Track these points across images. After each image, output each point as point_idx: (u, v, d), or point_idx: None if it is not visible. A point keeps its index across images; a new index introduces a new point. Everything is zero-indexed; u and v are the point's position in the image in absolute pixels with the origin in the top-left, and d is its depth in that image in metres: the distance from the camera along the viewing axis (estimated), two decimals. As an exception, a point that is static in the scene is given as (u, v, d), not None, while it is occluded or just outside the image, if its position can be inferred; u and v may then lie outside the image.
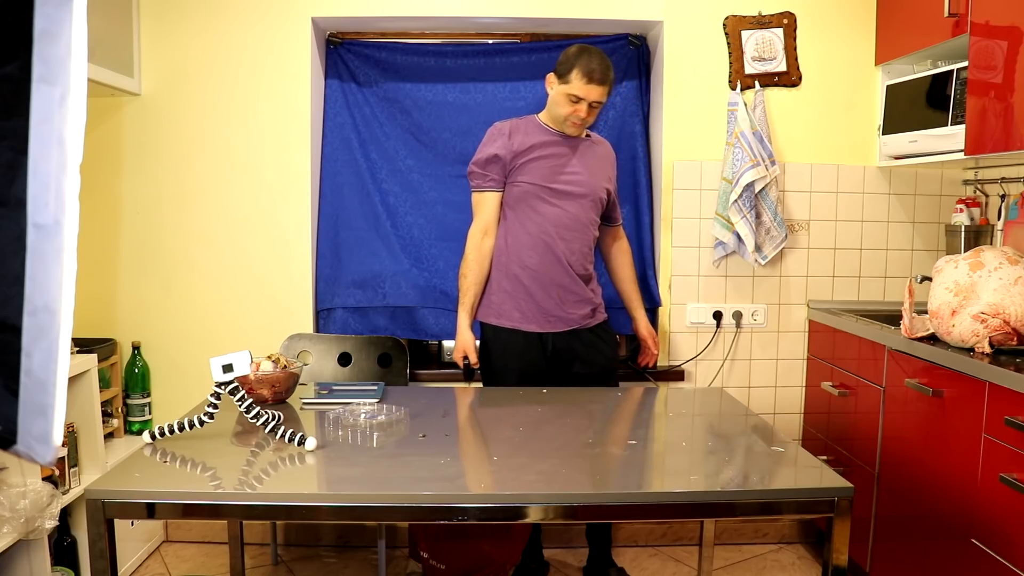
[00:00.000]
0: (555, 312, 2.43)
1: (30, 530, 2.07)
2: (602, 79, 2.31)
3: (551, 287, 2.42)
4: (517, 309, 2.44)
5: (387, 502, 1.47)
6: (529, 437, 1.87)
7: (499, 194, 2.46)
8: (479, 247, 2.47)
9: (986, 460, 1.91)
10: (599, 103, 2.35)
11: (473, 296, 2.48)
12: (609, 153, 2.57)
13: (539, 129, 2.44)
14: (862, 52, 2.86)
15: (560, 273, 2.41)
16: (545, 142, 2.42)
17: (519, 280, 2.43)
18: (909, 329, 2.24)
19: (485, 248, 2.47)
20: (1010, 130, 2.16)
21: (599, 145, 2.54)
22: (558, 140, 2.43)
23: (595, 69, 2.29)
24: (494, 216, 2.47)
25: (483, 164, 2.44)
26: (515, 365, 2.44)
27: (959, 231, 2.75)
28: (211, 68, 2.80)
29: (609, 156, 2.56)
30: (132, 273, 2.86)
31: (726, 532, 2.95)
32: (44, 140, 0.59)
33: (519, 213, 2.43)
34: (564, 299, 2.43)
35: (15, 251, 0.61)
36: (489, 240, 2.47)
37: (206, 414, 1.75)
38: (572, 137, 2.44)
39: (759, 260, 2.79)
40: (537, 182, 2.40)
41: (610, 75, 2.34)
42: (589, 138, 2.51)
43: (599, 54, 2.33)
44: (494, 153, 2.41)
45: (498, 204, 2.47)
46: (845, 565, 1.51)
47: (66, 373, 0.63)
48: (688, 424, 1.99)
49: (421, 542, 2.45)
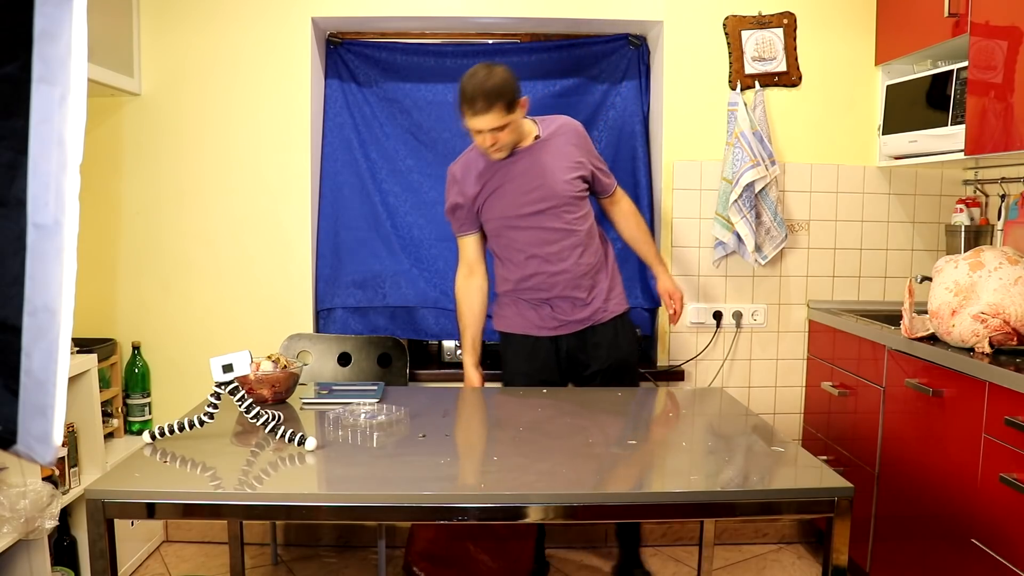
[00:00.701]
0: (560, 318, 2.42)
1: (30, 530, 2.07)
2: (484, 107, 2.15)
3: (553, 300, 2.41)
4: (522, 317, 2.46)
5: (387, 502, 1.47)
6: (529, 437, 1.87)
7: (474, 235, 2.47)
8: (465, 288, 2.49)
9: (986, 460, 1.91)
10: (501, 127, 2.20)
11: (471, 336, 2.49)
12: (567, 135, 2.37)
13: (485, 159, 2.34)
14: (862, 52, 2.86)
15: (557, 285, 2.39)
16: (495, 171, 2.34)
17: (520, 298, 2.45)
18: (909, 329, 2.24)
19: (472, 287, 2.48)
20: (1010, 130, 2.16)
21: (552, 139, 2.36)
22: (506, 162, 2.33)
23: (473, 99, 2.16)
24: (475, 256, 2.48)
25: (450, 213, 2.46)
26: (525, 369, 2.45)
27: (959, 231, 2.75)
28: (211, 68, 2.80)
29: (567, 139, 2.37)
30: (132, 273, 2.86)
31: (726, 532, 2.95)
32: (44, 140, 0.59)
33: (500, 243, 2.44)
34: (567, 306, 2.42)
35: (15, 251, 0.61)
36: (476, 279, 2.48)
37: (206, 414, 1.75)
38: (519, 152, 2.33)
39: (759, 260, 2.79)
40: (500, 215, 2.38)
41: (494, 100, 2.15)
42: (538, 139, 2.35)
43: (478, 80, 2.18)
44: (453, 202, 2.42)
45: (477, 244, 2.48)
46: (845, 565, 1.51)
47: (66, 373, 0.63)
48: (688, 424, 1.99)
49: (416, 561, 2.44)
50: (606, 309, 2.44)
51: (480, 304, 2.49)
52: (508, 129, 2.23)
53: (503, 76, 2.21)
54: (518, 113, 2.25)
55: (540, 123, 2.39)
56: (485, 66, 2.24)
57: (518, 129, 2.30)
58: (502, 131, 2.22)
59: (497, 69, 2.23)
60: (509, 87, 2.20)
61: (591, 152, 2.44)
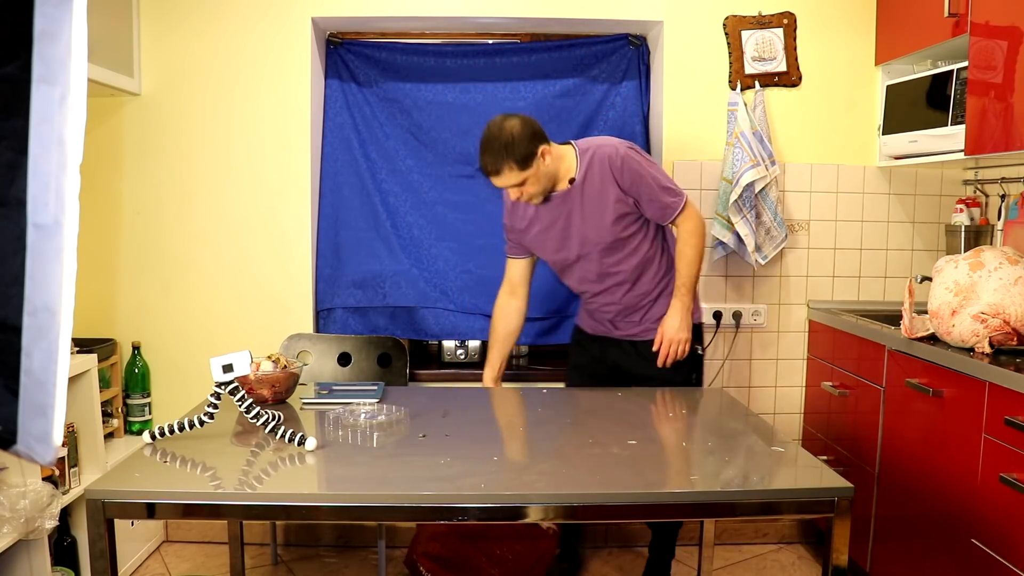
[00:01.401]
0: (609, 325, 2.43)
1: (30, 530, 2.07)
2: (494, 168, 2.15)
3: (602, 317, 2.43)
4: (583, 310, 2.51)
5: (387, 502, 1.47)
6: (529, 437, 1.87)
7: (523, 260, 2.46)
8: (504, 306, 2.49)
9: (986, 460, 1.91)
10: (519, 183, 2.17)
11: (498, 352, 2.49)
12: (603, 171, 2.22)
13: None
14: (862, 52, 2.86)
15: (608, 311, 2.39)
16: (536, 212, 2.31)
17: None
18: (909, 329, 2.24)
19: (510, 308, 2.48)
20: (1010, 130, 2.16)
21: (588, 180, 2.23)
22: (545, 207, 2.29)
23: (483, 159, 2.15)
24: (519, 279, 2.47)
25: (504, 230, 2.45)
26: (574, 361, 2.55)
27: (959, 231, 2.75)
28: (211, 68, 2.80)
29: (603, 176, 2.22)
30: (132, 273, 2.86)
31: (726, 532, 2.95)
32: (44, 140, 0.59)
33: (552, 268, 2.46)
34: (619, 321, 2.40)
35: (15, 251, 0.61)
36: (516, 301, 2.48)
37: (206, 414, 1.75)
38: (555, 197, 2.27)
39: (759, 260, 2.79)
40: (544, 257, 2.42)
41: (504, 160, 2.12)
42: (573, 183, 2.24)
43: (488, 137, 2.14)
44: (505, 223, 2.43)
45: (524, 268, 2.47)
46: (845, 565, 1.51)
47: (66, 373, 0.63)
48: (688, 424, 1.99)
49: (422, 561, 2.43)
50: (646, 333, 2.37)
51: (515, 325, 2.49)
52: (531, 181, 2.17)
53: (513, 132, 2.13)
54: (536, 166, 2.16)
55: (580, 155, 2.24)
56: (499, 121, 2.16)
57: (547, 176, 2.21)
58: (523, 185, 2.18)
59: (508, 124, 2.14)
60: (520, 144, 2.12)
61: (635, 178, 2.21)
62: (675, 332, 2.28)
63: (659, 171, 2.27)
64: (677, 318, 2.28)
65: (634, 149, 2.25)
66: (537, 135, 2.17)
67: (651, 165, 2.26)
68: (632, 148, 2.25)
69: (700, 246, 2.30)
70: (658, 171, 2.26)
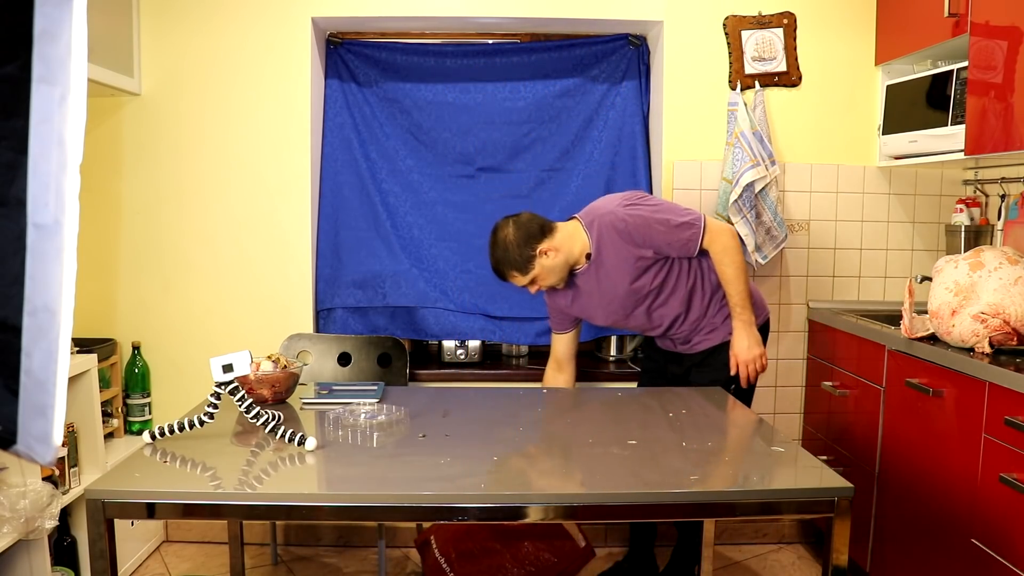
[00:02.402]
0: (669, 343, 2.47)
1: (30, 530, 2.07)
2: (502, 278, 2.29)
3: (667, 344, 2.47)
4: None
5: (387, 502, 1.47)
6: (529, 437, 1.87)
7: (567, 334, 2.49)
8: (551, 380, 2.53)
9: (986, 460, 1.91)
10: (530, 283, 2.27)
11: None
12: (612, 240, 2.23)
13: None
14: (862, 52, 2.86)
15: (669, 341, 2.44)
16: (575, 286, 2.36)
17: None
18: (909, 329, 2.24)
19: (558, 383, 2.52)
20: (1010, 130, 2.16)
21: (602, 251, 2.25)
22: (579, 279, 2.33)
23: (494, 270, 2.29)
24: (565, 355, 2.50)
25: (547, 308, 2.49)
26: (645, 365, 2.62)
27: (959, 231, 2.75)
28: (211, 68, 2.80)
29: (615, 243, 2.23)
30: (132, 273, 2.86)
31: (726, 532, 2.95)
32: (44, 140, 0.59)
33: None
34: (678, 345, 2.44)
35: (15, 251, 0.61)
36: (563, 375, 2.51)
37: (206, 414, 1.75)
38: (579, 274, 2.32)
39: (759, 260, 2.79)
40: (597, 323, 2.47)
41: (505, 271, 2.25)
42: (590, 259, 2.27)
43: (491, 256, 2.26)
44: (546, 301, 2.48)
45: (569, 343, 2.49)
46: (845, 565, 1.51)
47: (66, 373, 0.63)
48: (688, 424, 1.99)
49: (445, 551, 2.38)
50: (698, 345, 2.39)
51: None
52: (541, 277, 2.26)
53: (507, 242, 2.22)
54: (539, 266, 2.23)
55: (587, 229, 2.26)
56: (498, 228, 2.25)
57: (558, 266, 2.26)
58: (535, 283, 2.28)
59: (502, 234, 2.23)
60: (514, 253, 2.21)
61: (644, 233, 2.21)
62: (746, 352, 2.28)
63: (666, 210, 2.25)
64: (744, 338, 2.28)
65: (632, 204, 2.25)
66: (531, 237, 2.22)
67: (655, 209, 2.24)
68: (630, 203, 2.25)
69: (737, 261, 2.25)
70: (665, 211, 2.24)
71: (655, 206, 2.26)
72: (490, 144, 2.94)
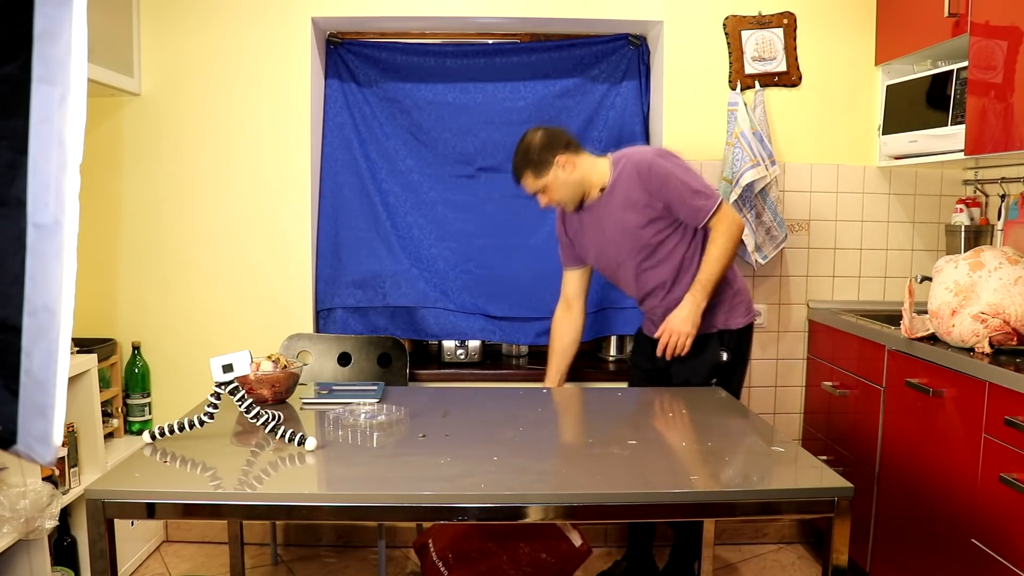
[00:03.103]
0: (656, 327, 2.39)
1: (30, 530, 2.07)
2: (516, 177, 2.31)
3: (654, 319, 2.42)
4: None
5: (387, 502, 1.47)
6: (529, 437, 1.87)
7: (576, 271, 2.50)
8: (560, 321, 2.53)
9: (986, 460, 1.91)
10: (539, 191, 2.30)
11: (556, 366, 2.53)
12: (630, 179, 2.25)
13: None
14: (862, 52, 2.86)
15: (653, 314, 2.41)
16: (574, 220, 2.41)
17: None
18: (909, 329, 2.24)
19: (566, 323, 2.51)
20: (1010, 130, 2.16)
21: (616, 187, 2.28)
22: (580, 215, 2.38)
23: (513, 171, 2.32)
24: (574, 292, 2.51)
25: (558, 242, 2.51)
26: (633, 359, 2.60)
27: (959, 231, 2.75)
28: (211, 68, 2.80)
29: (631, 183, 2.25)
30: (132, 273, 2.86)
31: (726, 532, 2.95)
32: (44, 140, 0.59)
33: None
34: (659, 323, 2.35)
35: (15, 251, 0.61)
36: (571, 315, 2.51)
37: (206, 414, 1.75)
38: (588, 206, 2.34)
39: (759, 260, 2.79)
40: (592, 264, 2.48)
41: (520, 168, 2.28)
42: (603, 191, 2.30)
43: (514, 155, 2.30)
44: (557, 234, 2.51)
45: (578, 279, 2.51)
46: (845, 565, 1.51)
47: (66, 373, 0.63)
48: (688, 424, 1.99)
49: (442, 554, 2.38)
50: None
51: (570, 340, 2.52)
52: (552, 188, 2.28)
53: (531, 141, 2.26)
54: (554, 175, 2.26)
55: (614, 165, 2.29)
56: (528, 131, 2.30)
57: (572, 184, 2.28)
58: (546, 192, 2.29)
59: (531, 134, 2.28)
60: (534, 152, 2.25)
61: (662, 184, 2.22)
62: (678, 324, 2.24)
63: (692, 175, 2.27)
64: (685, 311, 2.24)
65: (664, 156, 2.28)
66: (554, 144, 2.26)
67: (682, 170, 2.26)
68: (662, 155, 2.29)
69: (727, 247, 2.25)
70: (690, 175, 2.26)
71: (684, 168, 2.28)
72: (490, 144, 2.94)
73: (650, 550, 2.64)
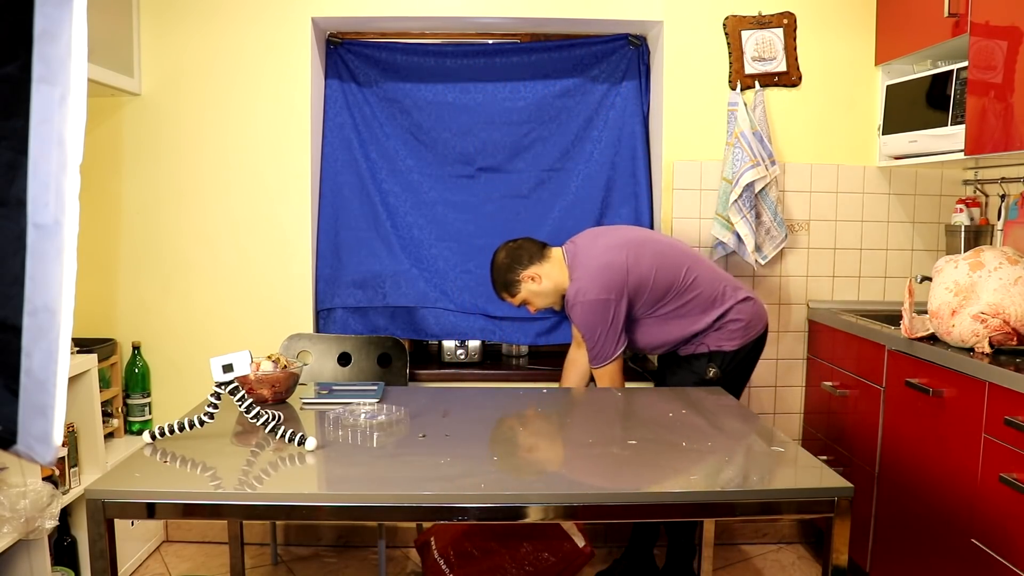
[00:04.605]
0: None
1: (30, 530, 2.07)
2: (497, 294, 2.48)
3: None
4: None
5: (387, 502, 1.47)
6: (529, 437, 1.87)
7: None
8: (570, 358, 2.64)
9: (986, 460, 1.91)
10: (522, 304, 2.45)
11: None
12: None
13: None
14: (862, 52, 2.86)
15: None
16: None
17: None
18: (909, 329, 2.24)
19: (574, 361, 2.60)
20: (1010, 130, 2.16)
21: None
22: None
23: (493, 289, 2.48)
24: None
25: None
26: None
27: (959, 231, 2.75)
28: (211, 68, 2.80)
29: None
30: (132, 273, 2.86)
31: (726, 532, 2.95)
32: (44, 140, 0.59)
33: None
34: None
35: (15, 251, 0.61)
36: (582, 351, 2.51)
37: (206, 414, 1.75)
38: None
39: (759, 260, 2.79)
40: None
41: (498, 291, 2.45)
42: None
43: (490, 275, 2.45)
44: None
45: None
46: (845, 565, 1.51)
47: (66, 373, 0.63)
48: (688, 424, 1.99)
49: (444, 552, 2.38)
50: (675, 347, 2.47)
51: (577, 378, 2.60)
52: (531, 300, 2.43)
53: (498, 265, 2.42)
54: (526, 289, 2.40)
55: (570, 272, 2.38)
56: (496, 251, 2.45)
57: (549, 292, 2.40)
58: (528, 304, 2.45)
59: (496, 258, 2.43)
60: (500, 276, 2.42)
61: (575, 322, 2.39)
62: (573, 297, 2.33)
63: (602, 330, 2.29)
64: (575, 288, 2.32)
65: (583, 302, 2.28)
66: (516, 264, 2.39)
67: (589, 325, 2.30)
68: (584, 293, 2.28)
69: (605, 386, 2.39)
70: (595, 330, 2.30)
71: (593, 323, 2.29)
72: (490, 144, 2.94)
73: (651, 550, 2.64)
